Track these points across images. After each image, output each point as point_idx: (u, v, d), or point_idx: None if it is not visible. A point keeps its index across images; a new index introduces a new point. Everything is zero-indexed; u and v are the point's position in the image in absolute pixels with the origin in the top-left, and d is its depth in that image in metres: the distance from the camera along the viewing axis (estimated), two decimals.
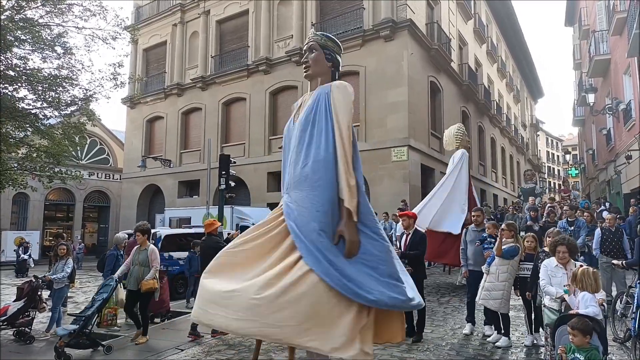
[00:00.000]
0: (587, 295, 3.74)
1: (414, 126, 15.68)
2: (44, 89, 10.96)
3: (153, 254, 6.60)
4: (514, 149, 33.30)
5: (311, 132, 3.07)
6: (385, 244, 3.00)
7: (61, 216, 26.36)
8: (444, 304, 8.05)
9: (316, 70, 3.30)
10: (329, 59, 3.32)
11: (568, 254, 4.42)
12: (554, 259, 4.50)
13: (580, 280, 3.82)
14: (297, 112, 3.35)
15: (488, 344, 5.61)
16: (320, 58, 3.30)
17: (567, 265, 4.41)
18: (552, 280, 4.41)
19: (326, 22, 17.60)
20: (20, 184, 11.60)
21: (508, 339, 5.52)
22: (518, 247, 5.51)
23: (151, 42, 23.93)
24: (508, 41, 32.78)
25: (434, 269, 12.01)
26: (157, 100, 23.16)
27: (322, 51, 3.30)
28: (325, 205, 2.89)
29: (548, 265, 4.53)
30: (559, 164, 68.56)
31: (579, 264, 4.22)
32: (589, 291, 3.76)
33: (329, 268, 2.69)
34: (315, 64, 3.29)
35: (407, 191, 14.86)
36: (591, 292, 3.75)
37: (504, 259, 5.47)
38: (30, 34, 10.18)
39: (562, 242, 4.46)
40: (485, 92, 25.07)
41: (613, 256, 7.37)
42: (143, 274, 6.43)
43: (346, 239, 2.80)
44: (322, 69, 3.31)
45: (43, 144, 11.76)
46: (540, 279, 4.54)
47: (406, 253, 6.07)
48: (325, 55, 3.30)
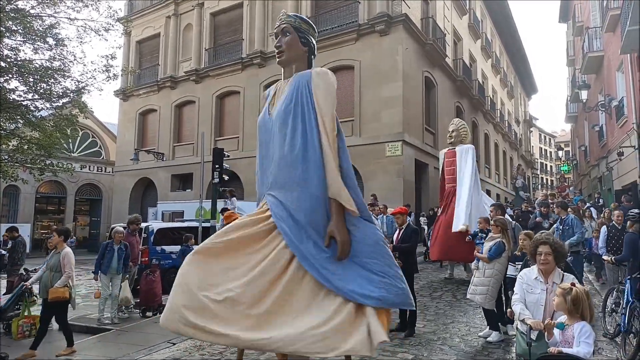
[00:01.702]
0: (586, 327, 2.80)
1: (408, 121, 15.69)
2: (35, 81, 10.87)
3: (66, 258, 5.90)
4: (507, 144, 33.45)
5: (293, 126, 2.84)
6: (378, 233, 2.89)
7: (52, 209, 26.15)
8: (436, 299, 8.10)
9: (291, 56, 3.01)
10: (304, 43, 3.03)
11: (552, 256, 3.32)
12: (535, 268, 3.44)
13: (577, 304, 2.83)
14: (272, 102, 3.09)
15: (480, 339, 5.65)
16: (295, 42, 3.00)
17: (550, 275, 3.34)
18: (527, 297, 3.34)
19: (321, 15, 17.51)
20: (11, 176, 11.52)
21: (499, 333, 5.53)
22: (502, 244, 5.52)
23: (144, 34, 23.70)
24: (502, 37, 32.84)
25: (427, 264, 12.07)
26: (150, 93, 22.98)
27: (297, 34, 3.00)
28: (317, 205, 2.76)
29: (525, 277, 3.46)
30: (551, 160, 69.00)
31: (569, 280, 3.14)
32: (588, 320, 2.85)
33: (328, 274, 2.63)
34: (290, 49, 3.00)
35: (401, 186, 14.90)
36: (589, 322, 2.85)
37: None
38: (22, 24, 10.09)
39: (545, 241, 3.38)
40: (479, 87, 25.12)
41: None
42: (52, 280, 5.79)
43: (337, 240, 2.68)
44: (297, 53, 3.02)
45: (34, 136, 11.68)
46: (514, 293, 3.52)
47: (397, 246, 6.12)
48: (300, 39, 3.01)
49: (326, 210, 2.78)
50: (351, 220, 2.79)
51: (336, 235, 2.68)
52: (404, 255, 6.03)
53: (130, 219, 8.57)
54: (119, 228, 8.09)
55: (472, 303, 7.66)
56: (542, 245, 3.37)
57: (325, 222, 2.76)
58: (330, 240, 2.71)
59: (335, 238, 2.69)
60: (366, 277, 2.68)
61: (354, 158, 15.66)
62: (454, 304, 7.67)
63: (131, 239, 8.24)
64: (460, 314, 7.00)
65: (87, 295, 10.25)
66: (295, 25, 3.00)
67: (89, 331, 7.10)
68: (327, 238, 2.72)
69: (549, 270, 3.33)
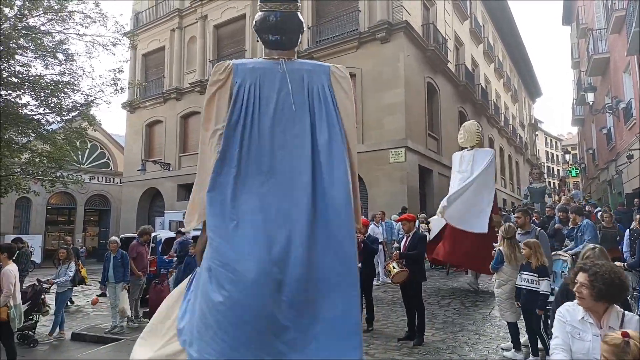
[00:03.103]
0: None
1: (411, 127, 15.78)
2: (46, 95, 11.13)
3: (4, 277, 5.40)
4: (512, 149, 33.37)
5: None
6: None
7: (63, 220, 26.44)
8: (444, 307, 8.04)
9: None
10: (254, 27, 2.60)
11: (589, 290, 2.31)
12: (577, 305, 2.41)
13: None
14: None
15: (490, 348, 5.56)
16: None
17: (605, 315, 2.32)
18: (574, 345, 2.34)
19: (322, 25, 17.72)
20: (23, 188, 11.75)
21: (518, 353, 5.20)
22: (499, 253, 5.41)
23: (150, 47, 24.06)
24: (505, 41, 32.90)
25: (434, 272, 12.06)
26: (157, 105, 23.30)
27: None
28: None
29: (567, 315, 2.43)
30: (558, 164, 68.57)
31: (633, 324, 2.23)
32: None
33: None
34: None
35: (405, 192, 14.96)
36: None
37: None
38: (33, 41, 10.35)
39: (583, 268, 2.41)
40: (482, 92, 25.16)
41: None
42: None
43: None
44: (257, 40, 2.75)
45: (45, 149, 11.92)
46: (553, 338, 2.46)
47: (404, 253, 6.14)
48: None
49: None
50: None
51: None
52: (411, 263, 6.07)
53: (144, 229, 8.70)
54: (113, 238, 8.33)
55: (481, 311, 7.66)
56: (581, 272, 2.40)
57: None
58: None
59: None
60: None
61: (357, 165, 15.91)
62: (462, 312, 7.58)
63: (140, 249, 8.38)
64: (469, 322, 6.91)
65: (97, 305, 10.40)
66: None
67: (99, 341, 7.23)
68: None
69: (592, 308, 2.33)
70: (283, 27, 2.51)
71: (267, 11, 2.51)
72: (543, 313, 4.65)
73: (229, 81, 2.40)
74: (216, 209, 2.23)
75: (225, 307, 2.04)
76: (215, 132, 2.35)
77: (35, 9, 10.54)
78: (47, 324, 7.91)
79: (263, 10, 2.52)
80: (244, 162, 2.29)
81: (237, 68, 2.43)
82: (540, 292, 4.64)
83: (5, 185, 11.59)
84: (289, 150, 2.34)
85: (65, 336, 7.59)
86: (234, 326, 2.03)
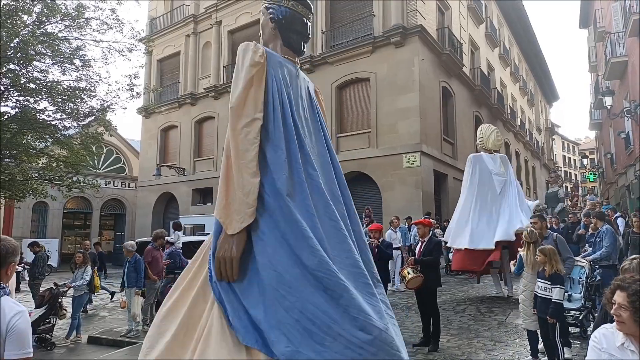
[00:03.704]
0: None
1: (425, 132, 15.66)
2: (63, 101, 11.29)
3: None
4: (528, 153, 32.94)
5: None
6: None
7: (79, 224, 26.80)
8: (459, 313, 7.98)
9: (264, 39, 2.57)
10: (273, 19, 2.51)
11: (630, 312, 1.99)
12: (615, 328, 2.08)
13: None
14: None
15: (507, 354, 5.48)
16: (265, 22, 2.55)
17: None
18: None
19: (336, 29, 17.72)
20: (40, 193, 11.90)
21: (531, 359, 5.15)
22: (520, 259, 5.38)
23: (165, 53, 24.33)
24: (521, 44, 32.57)
25: (449, 277, 11.92)
26: (171, 110, 23.52)
27: (267, 12, 2.54)
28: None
29: (603, 341, 2.12)
30: (575, 169, 67.54)
31: None
32: None
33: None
34: (263, 31, 2.58)
35: (419, 197, 14.82)
36: None
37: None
38: (50, 47, 10.51)
39: (620, 286, 2.10)
40: (498, 96, 24.90)
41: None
42: None
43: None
44: (268, 33, 2.54)
45: (62, 154, 12.07)
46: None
47: (420, 259, 6.08)
48: (269, 16, 2.53)
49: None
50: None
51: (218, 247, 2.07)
52: (426, 268, 6.01)
53: (157, 233, 8.73)
54: (126, 243, 8.36)
55: (497, 317, 7.56)
56: (619, 291, 2.07)
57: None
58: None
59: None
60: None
61: (371, 170, 15.49)
62: (478, 318, 7.52)
63: (156, 253, 8.40)
64: (484, 328, 6.85)
65: (113, 309, 10.47)
66: (266, 3, 2.60)
67: (115, 344, 7.26)
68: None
69: (634, 333, 1.98)
70: (307, 35, 2.58)
71: (297, 12, 2.51)
72: (554, 321, 4.55)
73: (265, 67, 2.26)
74: (305, 214, 2.07)
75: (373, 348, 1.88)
76: (253, 121, 2.14)
77: (53, 15, 10.71)
78: (64, 327, 7.97)
79: (293, 9, 2.50)
80: (303, 163, 2.22)
81: (270, 57, 2.31)
82: (553, 299, 4.55)
83: (23, 190, 11.77)
84: (317, 155, 2.36)
85: (82, 339, 7.64)
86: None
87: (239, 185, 2.02)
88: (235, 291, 1.99)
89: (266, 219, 2.06)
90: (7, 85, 10.90)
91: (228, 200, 2.04)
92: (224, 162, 2.11)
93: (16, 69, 10.76)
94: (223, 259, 1.99)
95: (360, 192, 16.80)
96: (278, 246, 2.01)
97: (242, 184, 2.03)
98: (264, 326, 1.89)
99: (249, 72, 2.19)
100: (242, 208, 2.01)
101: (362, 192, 16.69)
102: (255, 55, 2.22)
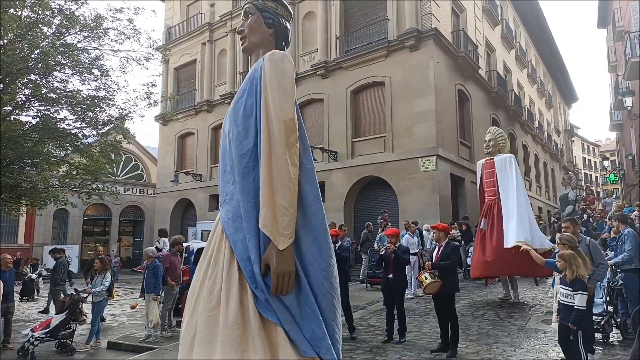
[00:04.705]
0: None
1: (442, 135, 15.53)
2: (82, 110, 11.49)
3: None
4: (547, 155, 32.41)
5: (245, 126, 2.21)
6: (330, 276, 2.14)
7: (98, 231, 27.25)
8: (478, 318, 7.88)
9: (254, 41, 2.47)
10: (270, 24, 2.47)
11: None
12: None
13: None
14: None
15: None
16: (258, 24, 2.47)
17: None
18: None
19: (350, 34, 17.74)
20: (61, 200, 12.12)
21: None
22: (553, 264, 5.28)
23: (181, 61, 24.68)
24: (538, 46, 32.15)
25: (467, 282, 11.77)
26: (188, 117, 23.81)
27: (261, 14, 2.49)
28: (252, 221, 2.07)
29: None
30: (596, 171, 66.19)
31: None
32: None
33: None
34: (252, 32, 2.47)
35: (437, 201, 14.68)
36: None
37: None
38: (70, 58, 10.72)
39: None
40: (515, 98, 24.59)
41: None
42: None
43: (271, 270, 1.98)
44: (262, 37, 2.46)
45: (82, 162, 12.29)
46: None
47: (437, 264, 6.03)
48: (264, 20, 2.48)
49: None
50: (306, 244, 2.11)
51: (270, 262, 1.99)
52: (444, 273, 5.94)
53: (175, 239, 8.82)
54: (147, 248, 8.43)
55: (517, 322, 7.45)
56: None
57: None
58: (266, 270, 2.02)
59: (270, 267, 2.00)
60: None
61: (388, 174, 15.47)
62: (497, 324, 7.42)
63: (173, 259, 8.48)
64: (504, 334, 6.76)
65: (132, 315, 10.58)
66: (259, 5, 2.50)
67: (134, 350, 7.33)
68: (262, 266, 2.02)
69: None
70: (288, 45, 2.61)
71: (289, 24, 2.55)
72: (575, 328, 4.39)
73: None
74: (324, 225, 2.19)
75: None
76: (297, 137, 2.12)
77: (72, 27, 10.93)
78: (84, 332, 8.08)
79: (288, 20, 2.53)
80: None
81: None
82: (575, 306, 4.39)
83: (44, 198, 12.00)
84: None
85: (102, 345, 7.74)
86: None
87: (286, 198, 2.01)
88: (287, 304, 2.02)
89: (305, 226, 2.13)
90: (29, 95, 11.16)
91: (275, 213, 2.00)
92: (267, 172, 2.03)
93: (37, 79, 11.01)
94: (282, 274, 1.96)
95: (376, 196, 16.73)
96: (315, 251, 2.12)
97: (292, 199, 2.02)
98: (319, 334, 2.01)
99: (292, 83, 2.20)
100: (291, 223, 2.01)
101: (378, 197, 16.61)
102: (292, 63, 2.26)
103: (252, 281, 2.01)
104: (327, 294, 2.10)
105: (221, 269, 2.09)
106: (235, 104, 2.31)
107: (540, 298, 9.66)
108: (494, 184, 9.33)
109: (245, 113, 2.22)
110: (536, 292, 10.42)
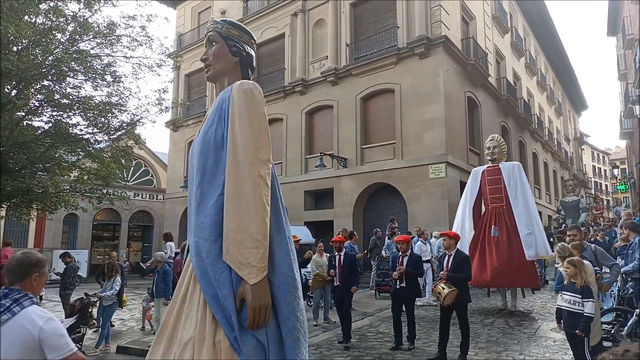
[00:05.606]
0: None
1: (451, 142, 15.49)
2: (95, 115, 11.63)
3: None
4: (557, 163, 32.17)
5: (215, 158, 2.20)
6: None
7: (108, 235, 27.38)
8: (487, 326, 7.82)
9: (218, 69, 2.47)
10: (235, 52, 2.49)
11: None
12: None
13: None
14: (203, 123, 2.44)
15: None
16: (223, 52, 2.48)
17: None
18: None
19: (360, 41, 17.81)
20: (72, 205, 12.23)
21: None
22: (559, 274, 5.30)
23: (193, 68, 24.86)
24: (547, 53, 32.05)
25: (477, 290, 11.68)
26: (198, 123, 23.76)
27: (225, 42, 2.49)
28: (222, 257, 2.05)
29: None
30: (606, 179, 65.53)
31: None
32: None
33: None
34: (217, 60, 2.47)
35: (446, 208, 14.60)
36: None
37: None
38: (83, 64, 10.88)
39: None
40: (525, 106, 24.49)
41: None
42: None
43: (247, 304, 1.95)
44: (227, 65, 2.47)
45: (93, 167, 12.41)
46: None
47: (453, 276, 5.97)
48: (229, 47, 2.49)
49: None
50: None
51: (246, 297, 1.97)
52: (456, 283, 5.90)
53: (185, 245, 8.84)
54: (157, 253, 8.47)
55: (527, 330, 7.38)
56: None
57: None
58: (242, 304, 1.99)
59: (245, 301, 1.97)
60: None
61: (397, 181, 15.46)
62: (506, 331, 7.37)
63: None
64: (513, 342, 6.71)
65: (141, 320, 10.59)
66: (223, 32, 2.51)
67: (143, 354, 7.27)
68: (237, 300, 1.99)
69: None
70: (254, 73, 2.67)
71: (252, 48, 2.61)
72: (583, 335, 4.36)
73: None
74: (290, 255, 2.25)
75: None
76: (269, 165, 2.17)
77: (86, 33, 11.10)
78: (94, 336, 8.11)
79: (252, 47, 2.61)
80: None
81: None
82: (585, 314, 4.36)
83: (55, 202, 12.13)
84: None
85: (111, 349, 7.76)
86: None
87: (259, 231, 2.00)
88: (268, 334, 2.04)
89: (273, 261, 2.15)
90: (42, 101, 11.32)
91: (247, 246, 1.99)
92: (236, 206, 2.03)
93: (50, 85, 11.18)
94: (259, 308, 1.96)
95: (385, 203, 16.70)
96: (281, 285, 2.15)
97: (264, 232, 2.03)
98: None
99: (263, 112, 2.23)
100: (265, 256, 2.01)
101: (387, 204, 16.58)
102: (262, 97, 2.28)
103: (228, 328, 1.99)
104: (292, 330, 2.08)
105: (196, 309, 2.09)
106: (205, 134, 2.27)
107: (550, 307, 9.56)
108: (501, 190, 9.29)
109: (216, 145, 2.20)
110: (545, 299, 10.33)
